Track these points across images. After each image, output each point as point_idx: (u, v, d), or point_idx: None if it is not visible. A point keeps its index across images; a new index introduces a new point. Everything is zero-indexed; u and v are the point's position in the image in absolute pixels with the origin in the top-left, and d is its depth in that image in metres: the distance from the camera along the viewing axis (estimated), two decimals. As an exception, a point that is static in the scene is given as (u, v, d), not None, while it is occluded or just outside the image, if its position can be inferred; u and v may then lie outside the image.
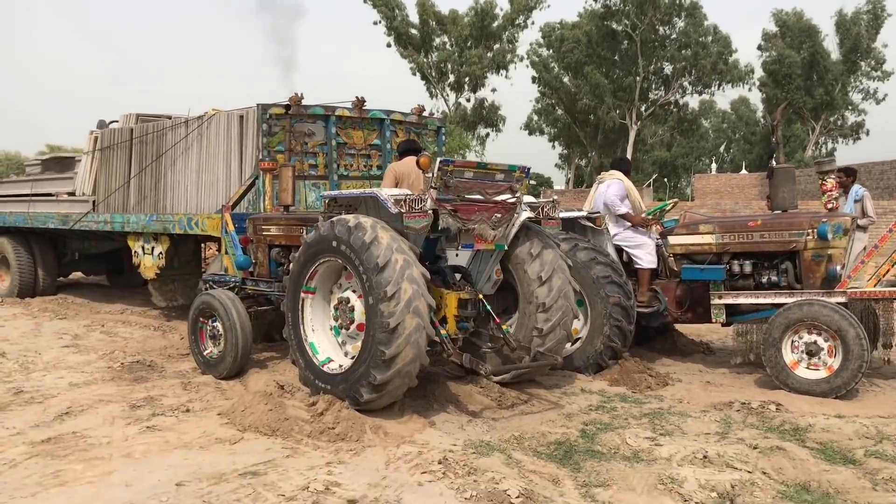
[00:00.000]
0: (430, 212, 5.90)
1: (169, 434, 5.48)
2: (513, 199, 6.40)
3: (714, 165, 55.81)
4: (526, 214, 6.52)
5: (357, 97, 9.69)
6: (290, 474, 4.63)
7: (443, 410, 6.07)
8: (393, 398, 5.74)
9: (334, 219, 5.99)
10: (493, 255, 6.57)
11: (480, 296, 6.44)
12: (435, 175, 5.94)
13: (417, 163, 6.37)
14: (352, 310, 6.05)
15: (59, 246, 13.49)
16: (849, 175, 9.26)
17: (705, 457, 4.97)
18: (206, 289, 8.02)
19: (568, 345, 7.00)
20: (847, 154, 73.31)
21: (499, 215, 6.31)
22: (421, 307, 5.55)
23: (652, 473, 4.71)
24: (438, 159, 6.01)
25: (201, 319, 7.55)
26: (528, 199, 6.76)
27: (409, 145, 7.51)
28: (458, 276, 6.61)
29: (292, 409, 5.69)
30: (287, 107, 8.97)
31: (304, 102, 9.09)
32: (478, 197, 6.22)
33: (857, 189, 9.20)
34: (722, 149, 69.20)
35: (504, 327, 6.45)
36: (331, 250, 5.97)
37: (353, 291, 6.06)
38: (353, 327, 6.06)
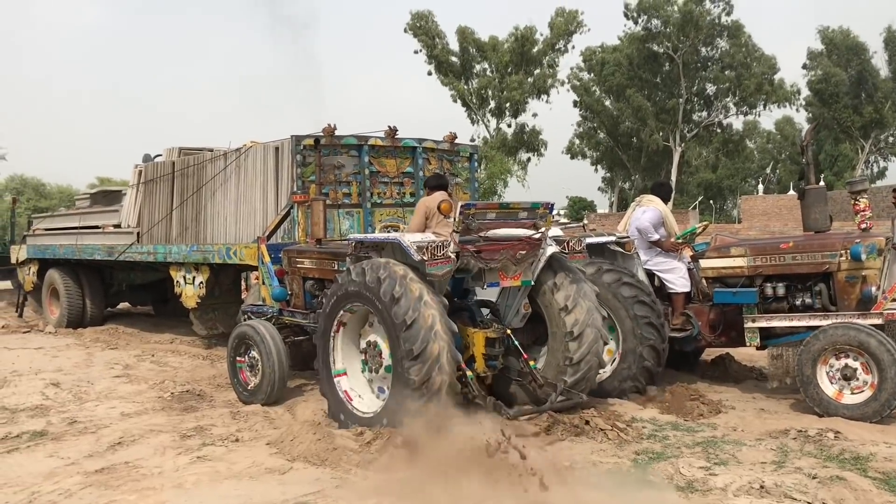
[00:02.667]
0: (452, 256, 5.95)
1: (219, 464, 5.52)
2: (538, 236, 6.39)
3: (761, 187, 54.90)
4: (551, 249, 6.53)
5: (389, 126, 9.83)
6: (339, 505, 4.62)
7: (490, 439, 5.98)
8: None
9: (365, 265, 6.03)
10: (520, 290, 6.59)
11: (508, 331, 6.46)
12: (457, 219, 5.97)
13: (439, 207, 6.40)
14: (380, 353, 6.13)
15: (106, 277, 13.83)
16: (902, 195, 9.01)
17: (762, 487, 4.83)
18: (245, 319, 8.14)
19: (602, 369, 6.93)
20: (898, 173, 71.66)
21: (523, 252, 6.32)
22: (446, 365, 5.64)
23: (708, 504, 4.59)
24: (460, 204, 6.05)
25: (240, 349, 7.66)
26: (555, 231, 6.78)
27: (437, 181, 7.53)
28: (486, 310, 6.65)
29: (340, 439, 5.69)
30: (315, 142, 9.09)
31: (337, 133, 9.21)
32: (502, 235, 6.23)
33: (910, 209, 8.97)
34: (768, 169, 68.18)
35: (531, 363, 6.43)
36: (360, 297, 6.06)
37: (382, 338, 6.11)
38: (381, 371, 6.14)
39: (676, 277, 7.79)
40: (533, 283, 6.51)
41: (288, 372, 7.47)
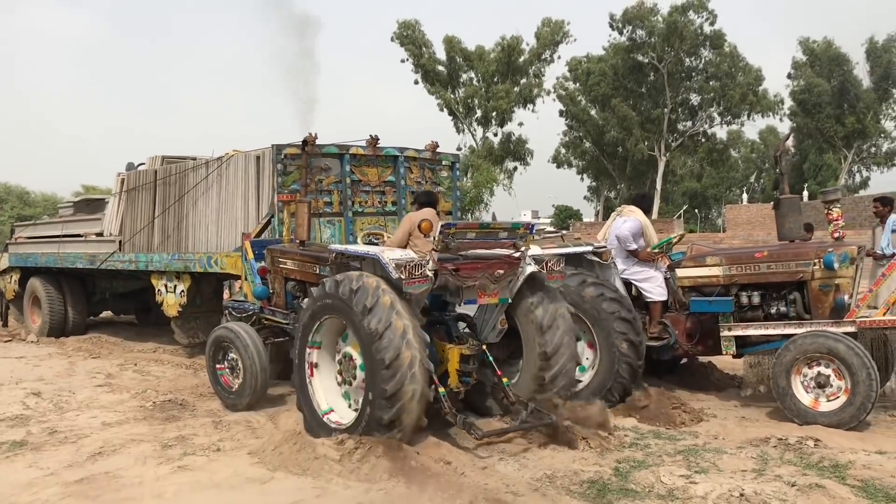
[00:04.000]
0: (430, 275, 5.99)
1: (200, 474, 5.49)
2: (517, 255, 6.45)
3: (745, 196, 55.39)
4: (530, 269, 6.57)
5: (371, 135, 9.83)
6: (320, 515, 4.60)
7: (472, 448, 6.01)
8: None
9: (338, 277, 6.06)
10: (497, 306, 6.64)
11: (484, 346, 6.51)
12: (437, 238, 6.02)
13: (419, 226, 6.41)
14: (355, 367, 6.13)
15: (88, 286, 13.71)
16: (885, 205, 9.14)
17: (742, 495, 4.86)
18: (227, 314, 8.23)
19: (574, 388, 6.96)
20: (881, 182, 72.19)
21: (502, 271, 6.36)
22: (419, 374, 5.64)
23: (687, 513, 4.61)
24: (440, 224, 6.09)
25: (217, 356, 7.73)
26: (535, 251, 6.82)
27: (426, 198, 7.56)
28: (462, 324, 6.70)
29: (321, 448, 5.66)
30: (301, 146, 9.09)
31: (318, 142, 9.22)
32: (481, 254, 6.29)
33: (893, 218, 9.06)
34: (752, 178, 68.69)
35: (504, 380, 6.46)
36: (334, 309, 6.08)
37: (358, 351, 6.10)
38: (355, 384, 6.15)
39: (653, 286, 7.85)
40: (511, 300, 6.56)
41: (268, 368, 7.50)
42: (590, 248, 8.07)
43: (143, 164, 12.08)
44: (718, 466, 5.55)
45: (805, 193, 44.47)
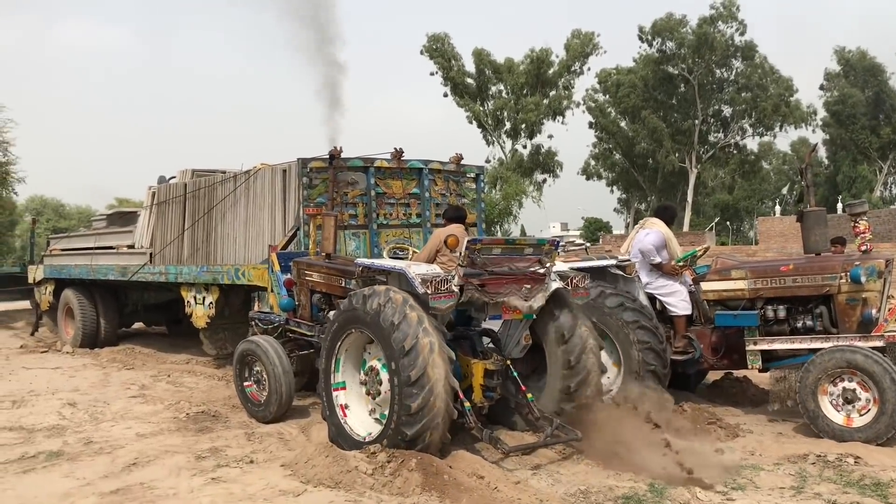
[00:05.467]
0: (456, 290, 6.01)
1: (233, 486, 5.51)
2: (542, 271, 6.42)
3: (778, 208, 54.72)
4: (555, 285, 6.55)
5: (395, 148, 9.88)
6: (353, 528, 4.59)
7: (502, 463, 5.97)
8: None
9: (365, 292, 6.07)
10: (522, 322, 6.62)
11: (507, 361, 6.48)
12: (463, 254, 6.02)
13: (446, 242, 6.42)
14: (380, 382, 6.14)
15: (120, 297, 13.90)
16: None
17: (781, 513, 4.77)
18: (254, 325, 8.29)
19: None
20: (917, 193, 71.07)
21: (528, 286, 6.36)
22: (444, 391, 5.65)
23: (725, 530, 4.53)
24: (466, 239, 6.11)
25: (244, 373, 7.81)
26: (560, 267, 6.79)
27: (455, 213, 7.57)
28: (487, 339, 6.70)
29: (354, 461, 5.65)
30: (329, 160, 9.14)
31: (343, 155, 9.27)
32: (506, 270, 6.27)
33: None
34: (784, 190, 67.88)
35: (529, 395, 6.41)
36: (360, 323, 6.10)
37: (383, 365, 6.10)
38: (379, 398, 6.17)
39: (677, 300, 7.78)
40: (535, 316, 6.54)
41: (293, 379, 7.57)
42: (614, 262, 8.03)
43: (175, 177, 12.24)
44: (756, 483, 5.46)
45: (839, 206, 43.87)
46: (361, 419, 6.35)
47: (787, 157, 70.55)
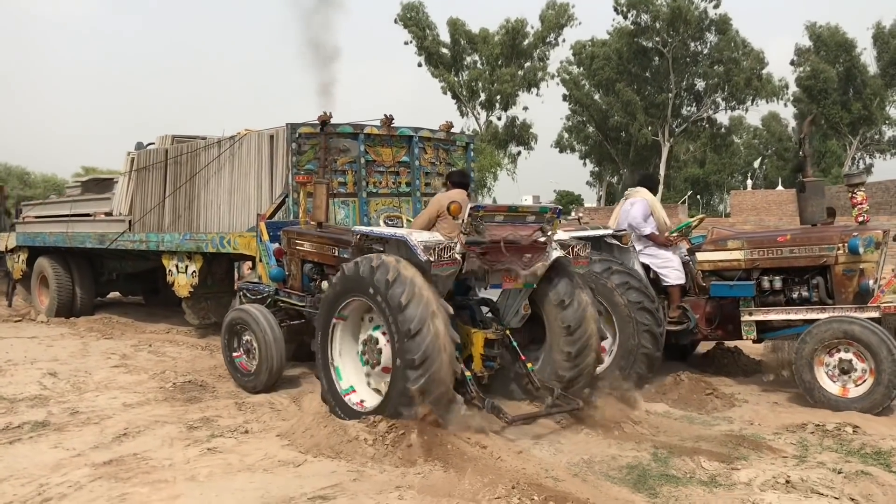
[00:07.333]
0: (458, 258, 5.89)
1: (230, 456, 5.39)
2: (543, 239, 6.33)
3: (749, 182, 55.11)
4: (556, 254, 6.46)
5: (385, 115, 9.70)
6: (360, 499, 4.51)
7: (503, 433, 5.89)
8: None
9: (373, 263, 5.87)
10: (522, 291, 6.53)
11: (507, 332, 6.40)
12: (465, 221, 5.90)
13: (448, 209, 6.30)
14: (379, 352, 5.99)
15: (97, 266, 13.57)
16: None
17: (788, 482, 4.77)
18: (241, 297, 8.10)
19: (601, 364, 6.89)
20: (885, 169, 72.30)
21: (529, 255, 6.25)
22: (445, 343, 5.54)
23: (735, 499, 4.53)
24: (469, 206, 5.96)
25: (233, 343, 7.64)
26: (561, 236, 6.68)
27: (460, 178, 7.37)
28: (485, 308, 6.61)
29: (354, 431, 5.55)
30: (320, 126, 8.94)
31: (332, 121, 9.07)
32: (508, 238, 6.15)
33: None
34: (756, 164, 68.41)
35: (529, 365, 6.34)
36: (364, 294, 5.91)
37: (383, 334, 5.96)
38: (378, 368, 6.02)
39: (671, 270, 7.79)
40: (535, 286, 6.45)
41: (284, 348, 7.38)
42: (610, 232, 7.98)
43: (153, 143, 11.95)
44: (758, 453, 5.45)
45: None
46: (358, 388, 6.21)
47: (758, 132, 71.09)
